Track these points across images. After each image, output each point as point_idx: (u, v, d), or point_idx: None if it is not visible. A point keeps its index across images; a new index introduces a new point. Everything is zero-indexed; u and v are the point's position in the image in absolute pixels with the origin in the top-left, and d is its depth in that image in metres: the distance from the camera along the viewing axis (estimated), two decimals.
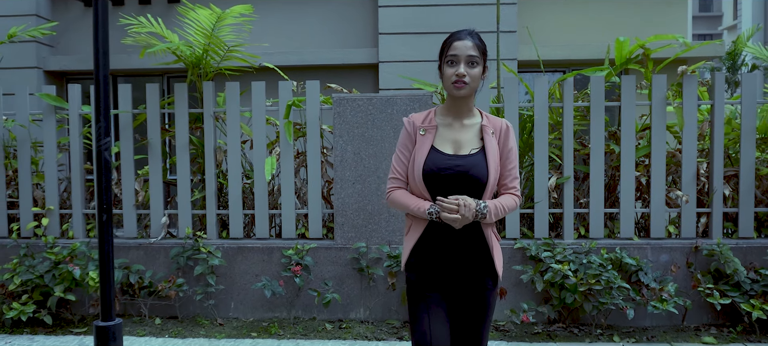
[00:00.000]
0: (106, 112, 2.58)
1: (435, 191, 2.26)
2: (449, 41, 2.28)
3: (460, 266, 2.29)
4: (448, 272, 2.29)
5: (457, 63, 2.22)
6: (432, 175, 2.25)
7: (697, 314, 4.55)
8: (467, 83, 2.23)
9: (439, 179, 2.24)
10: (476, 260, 2.29)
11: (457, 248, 2.27)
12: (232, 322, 4.73)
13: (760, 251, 4.52)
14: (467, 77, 2.22)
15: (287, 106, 4.77)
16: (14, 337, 4.45)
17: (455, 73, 2.22)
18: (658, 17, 7.52)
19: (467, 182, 2.23)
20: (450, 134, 2.32)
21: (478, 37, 2.28)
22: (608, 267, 4.29)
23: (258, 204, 4.86)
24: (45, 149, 5.02)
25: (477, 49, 2.24)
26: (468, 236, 2.27)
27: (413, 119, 2.37)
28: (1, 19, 7.04)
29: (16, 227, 5.03)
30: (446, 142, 2.30)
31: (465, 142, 2.29)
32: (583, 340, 4.28)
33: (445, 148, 2.29)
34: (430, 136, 2.31)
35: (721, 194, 4.63)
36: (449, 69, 2.25)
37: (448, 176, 2.24)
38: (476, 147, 2.28)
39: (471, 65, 2.23)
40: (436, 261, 2.30)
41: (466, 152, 2.27)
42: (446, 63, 2.26)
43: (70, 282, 4.53)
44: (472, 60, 2.23)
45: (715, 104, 4.63)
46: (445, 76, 2.27)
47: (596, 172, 4.66)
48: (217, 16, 4.74)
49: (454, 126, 2.33)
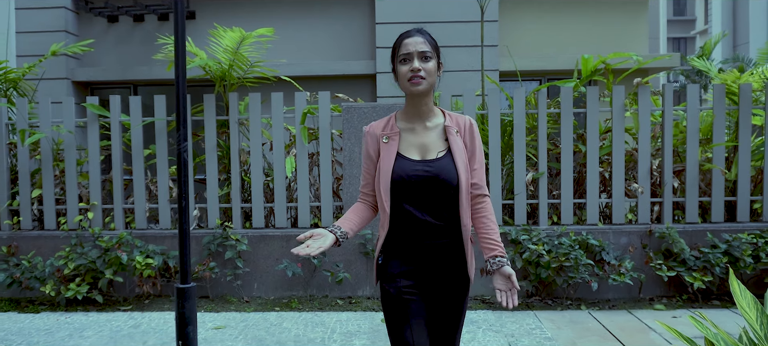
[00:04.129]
0: (185, 121, 3.34)
1: (405, 198, 2.18)
2: (399, 41, 2.21)
3: (432, 273, 2.23)
4: (419, 279, 2.23)
5: (410, 60, 2.15)
6: (401, 182, 2.17)
7: (651, 287, 5.41)
8: (424, 78, 2.15)
9: (408, 187, 2.16)
10: (450, 267, 2.23)
11: (428, 253, 2.21)
12: (257, 300, 5.50)
13: (702, 233, 5.39)
14: (422, 72, 2.14)
15: (303, 113, 5.55)
16: (70, 314, 5.17)
17: (410, 68, 2.14)
18: (620, 32, 8.43)
19: (438, 186, 2.15)
20: (414, 139, 2.23)
21: (428, 33, 2.22)
22: (576, 248, 5.13)
23: (277, 198, 5.63)
24: (89, 152, 5.73)
25: (428, 44, 2.17)
26: (442, 240, 2.21)
27: (373, 128, 2.29)
28: (35, 34, 7.76)
29: (64, 221, 5.75)
30: (412, 148, 2.22)
31: (431, 146, 2.21)
32: (556, 309, 5.12)
33: (412, 154, 2.21)
34: (394, 143, 2.22)
35: (671, 186, 5.49)
36: (403, 67, 2.17)
37: (417, 182, 2.16)
38: (442, 149, 2.20)
39: (424, 60, 2.15)
40: (405, 267, 2.22)
41: (433, 156, 2.19)
42: (399, 62, 2.18)
43: (117, 266, 5.27)
44: (425, 55, 2.15)
45: (665, 111, 5.49)
46: (401, 76, 2.19)
47: (566, 168, 5.50)
48: (242, 36, 5.50)
49: (417, 130, 2.24)
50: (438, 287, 2.24)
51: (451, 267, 2.23)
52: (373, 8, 8.28)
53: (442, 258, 2.22)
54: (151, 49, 8.03)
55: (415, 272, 2.22)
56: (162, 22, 8.22)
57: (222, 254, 5.46)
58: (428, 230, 2.19)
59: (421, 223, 2.19)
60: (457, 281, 2.25)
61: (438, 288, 2.24)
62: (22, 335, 4.59)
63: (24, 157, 5.73)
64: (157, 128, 5.71)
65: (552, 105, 5.84)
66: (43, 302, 5.47)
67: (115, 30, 8.29)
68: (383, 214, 2.23)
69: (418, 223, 2.19)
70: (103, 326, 4.78)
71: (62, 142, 5.81)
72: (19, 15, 7.83)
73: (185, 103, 3.33)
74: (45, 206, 5.75)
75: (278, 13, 8.30)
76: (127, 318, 5.00)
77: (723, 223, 5.49)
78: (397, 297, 2.21)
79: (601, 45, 8.19)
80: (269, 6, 8.30)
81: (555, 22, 8.50)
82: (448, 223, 2.21)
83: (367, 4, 8.34)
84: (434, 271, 2.22)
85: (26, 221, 5.75)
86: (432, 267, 2.22)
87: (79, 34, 8.26)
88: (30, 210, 5.77)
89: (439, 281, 2.23)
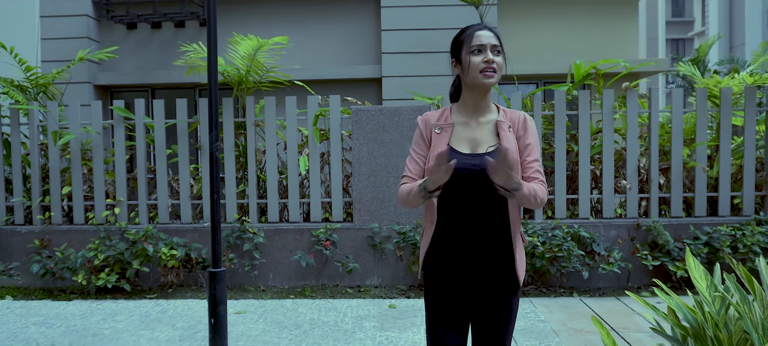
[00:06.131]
0: (216, 123, 3.76)
1: (452, 192, 2.15)
2: (471, 32, 2.17)
3: (478, 270, 2.18)
4: (465, 276, 2.19)
5: (484, 51, 2.12)
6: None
7: (638, 276, 5.82)
8: (496, 71, 2.13)
9: (456, 180, 2.10)
10: (497, 264, 2.18)
11: (476, 249, 2.17)
12: (272, 288, 5.92)
13: (686, 226, 5.80)
14: (495, 65, 2.13)
15: (315, 116, 5.98)
16: (100, 301, 5.59)
17: (484, 59, 2.11)
18: (612, 37, 8.88)
19: (486, 181, 2.06)
20: (466, 133, 2.20)
21: (497, 29, 2.21)
22: (568, 240, 5.55)
23: (291, 194, 6.06)
24: (115, 152, 6.16)
25: (498, 39, 2.17)
26: (490, 237, 2.17)
27: (428, 118, 2.28)
28: (59, 40, 8.20)
29: (92, 216, 6.18)
30: (462, 141, 2.19)
31: (482, 140, 2.18)
32: (550, 296, 5.54)
33: (462, 148, 2.17)
34: (445, 135, 2.20)
35: (657, 183, 5.91)
36: (476, 57, 2.12)
37: (465, 176, 2.11)
38: (493, 144, 2.17)
39: (497, 54, 2.15)
40: (452, 263, 2.19)
41: (483, 150, 2.16)
42: (472, 52, 2.13)
43: (143, 257, 5.69)
44: (497, 49, 2.15)
45: (652, 113, 5.91)
46: (472, 66, 2.13)
47: (560, 166, 5.92)
48: (259, 44, 5.93)
49: (470, 124, 2.21)
50: (484, 284, 2.20)
51: (497, 264, 2.19)
52: (378, 16, 8.73)
53: (488, 255, 2.18)
54: (168, 54, 8.47)
55: (461, 268, 2.19)
56: (178, 29, 8.65)
57: (240, 246, 5.88)
58: (475, 225, 2.17)
59: (468, 218, 2.16)
60: (504, 279, 2.20)
61: (484, 286, 2.20)
62: (60, 319, 5.01)
63: (55, 156, 6.16)
64: (178, 130, 6.14)
65: (546, 107, 6.26)
66: (74, 291, 5.90)
67: (134, 36, 8.74)
68: (430, 207, 2.22)
69: (466, 218, 2.17)
70: (132, 311, 5.21)
71: (90, 143, 6.23)
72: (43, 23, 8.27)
73: (216, 107, 3.75)
74: (74, 202, 6.18)
75: (291, 21, 8.75)
76: (154, 305, 5.42)
77: (705, 217, 5.91)
78: (438, 293, 2.21)
79: (594, 50, 8.63)
80: (282, 14, 8.76)
81: (550, 28, 8.94)
82: (495, 219, 2.18)
83: (373, 12, 8.78)
84: (480, 267, 2.19)
85: (57, 216, 6.18)
86: (478, 264, 2.18)
87: (100, 41, 8.71)
88: (60, 206, 6.20)
89: (486, 278, 2.19)
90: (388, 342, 4.31)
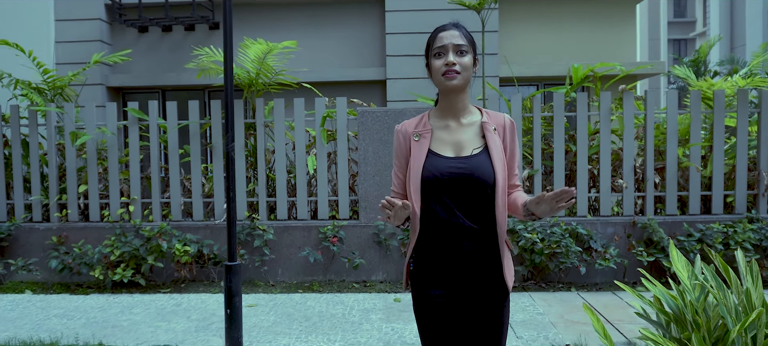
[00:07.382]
0: (232, 125, 3.99)
1: (437, 198, 2.05)
2: (434, 34, 2.10)
3: (465, 280, 2.08)
4: (452, 287, 2.09)
5: (445, 53, 2.03)
6: (432, 181, 2.03)
7: (634, 272, 6.03)
8: (459, 72, 2.02)
9: (440, 185, 2.03)
10: (484, 273, 2.08)
11: (461, 257, 2.06)
12: (281, 283, 6.15)
13: (680, 224, 6.01)
14: (458, 66, 2.02)
15: (322, 117, 6.20)
16: (117, 295, 5.82)
17: (444, 62, 2.02)
18: (610, 41, 9.09)
19: (472, 185, 2.01)
20: (448, 136, 2.10)
21: (464, 27, 2.09)
22: (567, 236, 5.76)
23: (299, 193, 6.28)
24: (130, 151, 6.39)
25: (464, 37, 2.05)
26: (476, 243, 2.06)
27: (404, 127, 2.18)
28: (73, 43, 8.45)
29: (107, 213, 6.41)
30: (445, 145, 2.09)
31: (466, 143, 2.08)
32: (548, 290, 5.76)
33: (445, 151, 2.08)
34: (425, 141, 2.09)
35: (652, 182, 6.12)
36: (437, 61, 2.05)
37: (450, 180, 2.02)
38: (479, 146, 2.07)
39: (460, 54, 2.03)
40: (437, 274, 2.10)
41: (468, 153, 2.06)
42: (433, 56, 2.06)
43: (157, 253, 5.92)
44: (461, 49, 2.03)
45: (647, 114, 6.12)
46: (434, 70, 2.06)
47: (559, 166, 6.14)
48: (269, 48, 6.16)
49: (451, 127, 2.11)
50: (472, 294, 2.09)
51: (485, 273, 2.08)
52: (383, 20, 8.96)
53: (475, 263, 2.07)
54: (179, 56, 8.71)
55: (448, 278, 2.09)
56: (189, 32, 8.89)
57: (250, 242, 6.10)
58: (461, 232, 2.05)
59: (453, 225, 2.04)
60: (492, 288, 2.09)
61: (472, 296, 2.09)
62: (80, 311, 5.25)
63: (71, 156, 6.39)
64: (191, 130, 6.37)
65: (546, 109, 6.47)
66: (90, 285, 6.13)
67: (146, 39, 8.98)
68: (413, 216, 2.09)
69: (451, 225, 2.05)
70: (148, 304, 5.44)
71: (105, 143, 6.47)
72: (58, 26, 8.52)
73: (232, 109, 3.98)
74: (90, 200, 6.42)
75: (298, 24, 8.99)
76: (169, 298, 5.65)
77: (699, 215, 6.12)
78: (427, 307, 2.10)
79: (593, 53, 8.84)
80: (290, 18, 9.00)
81: (550, 32, 9.15)
82: (482, 225, 2.07)
83: (378, 16, 9.01)
84: (468, 277, 2.08)
85: (73, 213, 6.41)
86: (465, 273, 2.08)
87: (113, 44, 8.95)
88: (77, 204, 6.43)
89: (474, 287, 2.08)
90: (393, 333, 4.53)
